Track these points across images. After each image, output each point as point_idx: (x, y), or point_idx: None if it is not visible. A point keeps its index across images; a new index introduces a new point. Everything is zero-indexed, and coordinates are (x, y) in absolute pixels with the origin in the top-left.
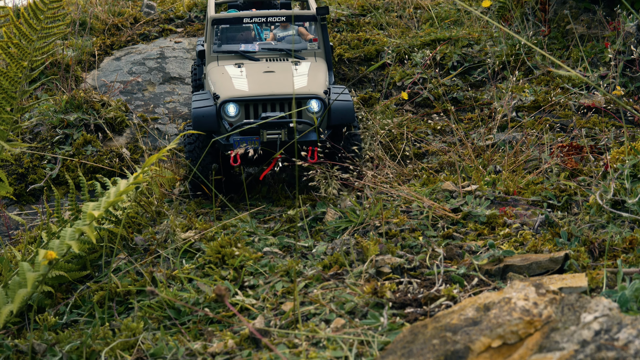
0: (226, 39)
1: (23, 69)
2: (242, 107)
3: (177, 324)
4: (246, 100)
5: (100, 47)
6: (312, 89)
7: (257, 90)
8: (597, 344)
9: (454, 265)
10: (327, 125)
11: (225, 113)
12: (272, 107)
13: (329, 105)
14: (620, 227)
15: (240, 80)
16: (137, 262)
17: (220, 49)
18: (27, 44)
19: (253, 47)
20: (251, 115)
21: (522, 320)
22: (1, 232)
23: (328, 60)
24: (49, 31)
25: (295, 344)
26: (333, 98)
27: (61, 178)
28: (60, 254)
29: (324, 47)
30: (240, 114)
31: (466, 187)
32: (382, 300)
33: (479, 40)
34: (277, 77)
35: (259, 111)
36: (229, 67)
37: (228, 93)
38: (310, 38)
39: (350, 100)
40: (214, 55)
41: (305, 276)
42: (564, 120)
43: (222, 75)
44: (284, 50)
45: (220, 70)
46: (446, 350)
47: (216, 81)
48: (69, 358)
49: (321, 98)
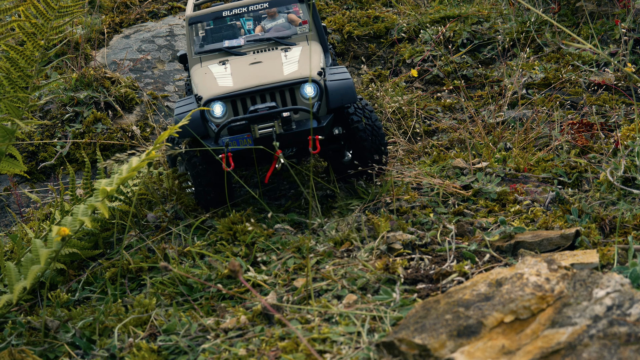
0: (212, 40)
1: (40, 47)
2: (228, 105)
3: (189, 300)
4: (232, 96)
5: (110, 25)
6: (303, 72)
7: (242, 83)
8: (609, 319)
9: (465, 242)
10: (327, 110)
11: (210, 114)
12: (262, 100)
13: (325, 87)
14: (631, 204)
15: (224, 77)
16: (148, 239)
17: (203, 49)
18: (44, 23)
19: (238, 42)
20: (240, 113)
21: (534, 295)
22: (13, 209)
23: (322, 42)
24: (66, 10)
25: (308, 319)
26: (330, 79)
27: (72, 156)
28: (73, 231)
29: (315, 29)
30: (228, 113)
31: (476, 164)
32: (393, 276)
33: (489, 18)
34: (264, 66)
35: (248, 106)
36: (212, 66)
37: (211, 92)
38: (300, 22)
39: (349, 79)
40: (196, 57)
41: (317, 252)
42: (574, 97)
43: (205, 76)
44: (272, 39)
45: (203, 71)
46: (459, 325)
47: (199, 82)
48: (82, 334)
49: (315, 80)
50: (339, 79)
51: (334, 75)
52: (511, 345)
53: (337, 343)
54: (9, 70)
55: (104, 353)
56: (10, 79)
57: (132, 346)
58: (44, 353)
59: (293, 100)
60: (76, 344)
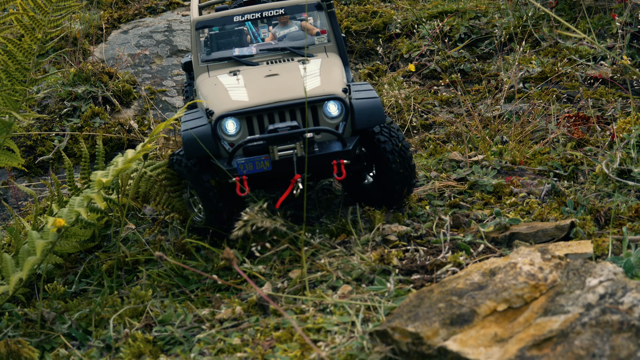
0: (217, 46)
1: (37, 40)
2: (243, 122)
3: (185, 292)
4: (247, 112)
5: (108, 21)
6: (327, 88)
7: (259, 98)
8: (601, 308)
9: (460, 234)
10: (352, 131)
11: (223, 131)
12: (280, 117)
13: (350, 106)
14: (626, 195)
15: (237, 89)
16: (145, 232)
17: (210, 57)
18: (42, 16)
19: (249, 50)
20: (256, 131)
21: (527, 284)
22: (11, 203)
23: (342, 55)
24: (64, 4)
25: (303, 309)
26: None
27: (69, 150)
28: (69, 222)
29: (335, 40)
30: (242, 130)
31: (473, 157)
32: (388, 267)
33: (486, 12)
34: (282, 80)
35: (265, 124)
36: (222, 76)
37: (224, 106)
38: (317, 32)
39: (377, 97)
40: (203, 65)
41: (312, 244)
42: (571, 91)
43: (215, 87)
44: (287, 48)
45: (212, 82)
46: (452, 314)
47: (208, 94)
48: (78, 325)
49: (340, 98)
50: (365, 97)
51: (359, 92)
52: (504, 333)
53: (331, 333)
54: (7, 63)
55: (99, 344)
56: (8, 71)
57: (127, 337)
58: (40, 344)
59: (315, 120)
60: (72, 335)
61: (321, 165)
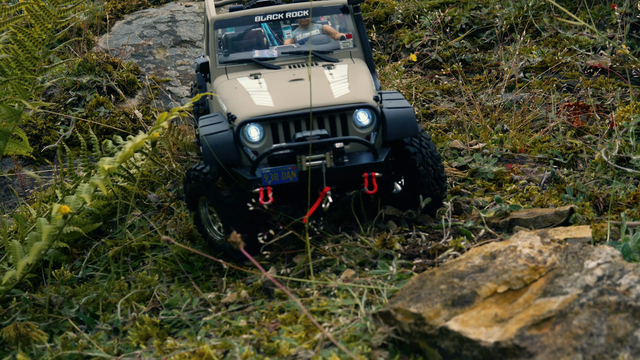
0: (233, 47)
1: (47, 30)
2: (267, 129)
3: (189, 278)
4: (272, 119)
5: (112, 11)
6: (357, 96)
7: (285, 104)
8: (599, 289)
9: (461, 220)
10: (382, 142)
11: (246, 138)
12: (307, 125)
13: (382, 114)
14: (624, 182)
15: (260, 94)
16: (150, 219)
17: (228, 58)
18: (52, 6)
19: (270, 53)
20: (281, 138)
21: (527, 266)
22: (17, 191)
23: (369, 61)
24: None
25: (307, 293)
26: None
27: (74, 139)
28: (75, 209)
29: (361, 45)
30: (266, 137)
31: (474, 145)
32: (391, 251)
33: (487, 3)
34: (308, 85)
35: (291, 131)
36: (242, 79)
37: (247, 111)
38: (341, 36)
39: (410, 107)
40: (221, 67)
41: (315, 232)
42: (571, 80)
43: (235, 90)
44: (312, 52)
45: (232, 85)
46: (453, 295)
47: (229, 98)
48: (86, 309)
49: (372, 107)
50: (397, 106)
51: (391, 102)
52: (504, 314)
53: (335, 315)
54: (17, 52)
55: (107, 327)
56: (18, 60)
57: (135, 320)
58: (49, 328)
59: (344, 129)
60: (80, 319)
61: (351, 178)
